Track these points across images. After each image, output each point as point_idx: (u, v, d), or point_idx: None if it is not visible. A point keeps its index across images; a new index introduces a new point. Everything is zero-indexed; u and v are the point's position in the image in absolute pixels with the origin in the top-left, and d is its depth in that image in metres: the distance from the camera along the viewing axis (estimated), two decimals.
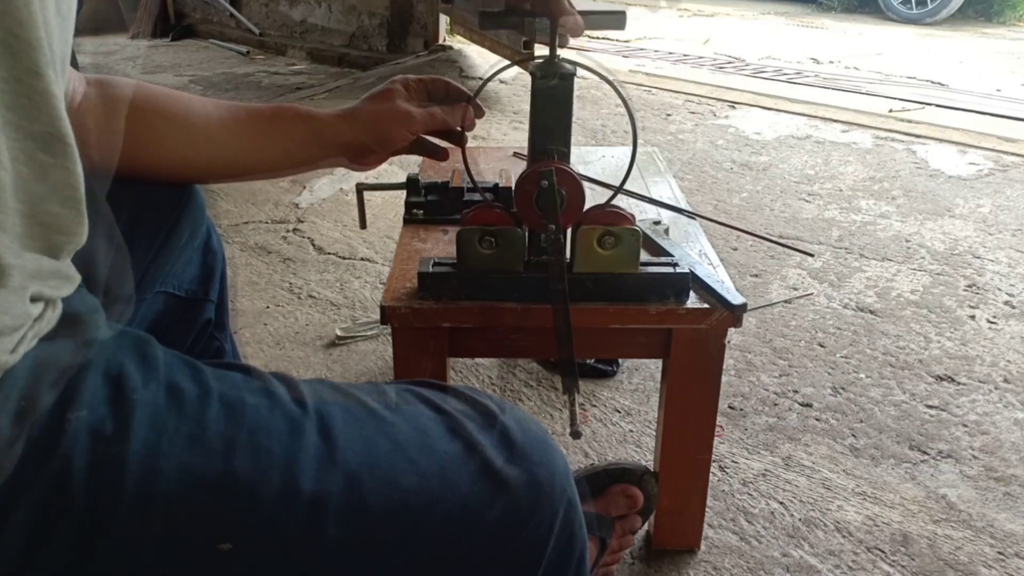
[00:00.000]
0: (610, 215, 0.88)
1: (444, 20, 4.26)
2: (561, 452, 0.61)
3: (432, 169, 1.27)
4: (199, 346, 0.94)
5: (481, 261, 0.89)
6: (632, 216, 0.89)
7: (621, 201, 0.98)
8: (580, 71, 0.86)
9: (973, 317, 1.74)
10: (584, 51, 4.54)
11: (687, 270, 0.93)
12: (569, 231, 0.89)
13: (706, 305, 0.92)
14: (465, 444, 0.55)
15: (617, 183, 0.92)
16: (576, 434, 0.80)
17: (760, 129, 3.11)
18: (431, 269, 0.91)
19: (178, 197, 0.85)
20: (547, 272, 0.88)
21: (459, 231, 0.89)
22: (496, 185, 1.12)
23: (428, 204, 1.12)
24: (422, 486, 0.52)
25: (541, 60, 0.86)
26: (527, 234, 0.90)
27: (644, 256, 0.92)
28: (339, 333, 1.62)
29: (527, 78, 0.92)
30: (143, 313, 0.82)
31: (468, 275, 0.90)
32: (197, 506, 0.48)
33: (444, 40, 4.28)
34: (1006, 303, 1.81)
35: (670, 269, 0.92)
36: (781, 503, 1.20)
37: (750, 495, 1.22)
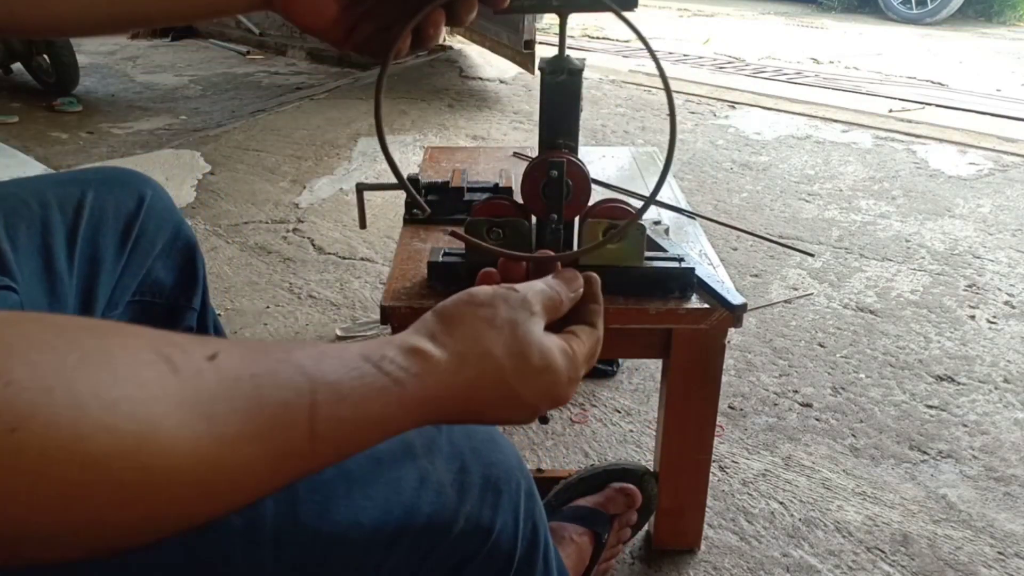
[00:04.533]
0: (615, 209, 0.89)
1: None
2: (511, 446, 0.61)
3: (432, 169, 1.27)
4: None
5: (489, 252, 0.90)
6: (637, 211, 0.89)
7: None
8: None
9: (973, 317, 1.74)
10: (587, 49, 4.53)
11: (692, 265, 0.93)
12: (576, 225, 0.89)
13: (706, 305, 0.92)
14: (418, 464, 0.55)
15: (617, 183, 0.92)
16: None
17: (760, 129, 3.11)
18: (441, 259, 0.94)
19: (135, 200, 0.83)
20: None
21: (467, 222, 0.90)
22: (496, 185, 1.12)
23: (428, 204, 1.12)
24: (386, 520, 0.52)
25: (551, 56, 0.86)
26: (535, 226, 0.90)
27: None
28: (339, 333, 1.62)
29: (528, 78, 0.93)
30: None
31: (476, 265, 0.90)
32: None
33: (444, 40, 4.28)
34: (1006, 303, 1.81)
35: (675, 264, 0.92)
36: (781, 503, 1.20)
37: (750, 495, 1.22)
